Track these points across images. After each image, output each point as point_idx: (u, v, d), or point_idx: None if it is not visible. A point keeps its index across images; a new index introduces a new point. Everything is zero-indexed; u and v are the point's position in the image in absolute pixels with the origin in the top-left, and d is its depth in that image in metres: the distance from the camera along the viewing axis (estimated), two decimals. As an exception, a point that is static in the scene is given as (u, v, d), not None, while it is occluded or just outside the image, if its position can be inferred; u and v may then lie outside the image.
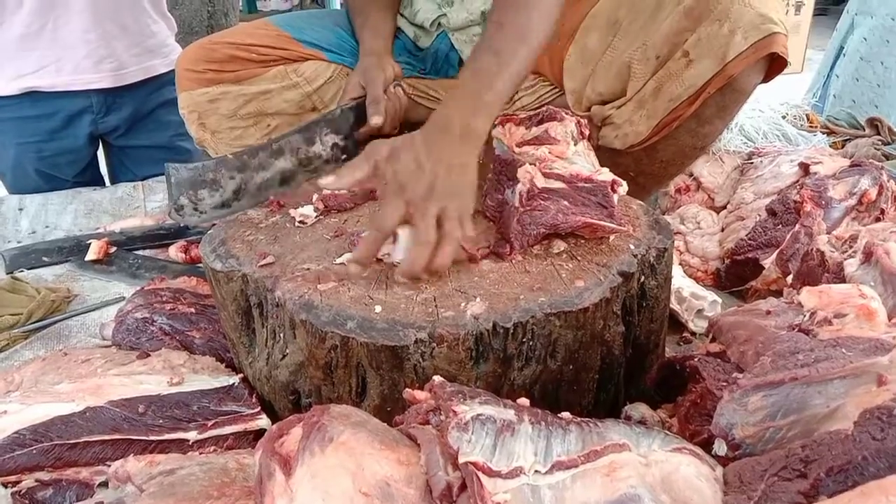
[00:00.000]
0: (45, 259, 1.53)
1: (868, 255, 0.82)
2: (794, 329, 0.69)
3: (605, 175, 0.93)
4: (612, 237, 0.92)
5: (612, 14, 1.24)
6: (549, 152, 0.98)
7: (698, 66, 1.10)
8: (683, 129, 1.19)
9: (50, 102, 1.75)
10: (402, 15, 1.46)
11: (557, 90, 1.44)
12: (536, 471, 0.55)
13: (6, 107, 1.74)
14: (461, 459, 0.53)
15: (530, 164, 0.95)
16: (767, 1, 1.08)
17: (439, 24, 1.40)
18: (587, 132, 1.09)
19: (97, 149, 1.94)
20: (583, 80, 1.28)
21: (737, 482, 0.55)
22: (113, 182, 2.00)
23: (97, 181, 1.97)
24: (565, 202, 0.91)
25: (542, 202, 0.91)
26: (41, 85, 1.73)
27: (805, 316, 0.70)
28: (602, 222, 0.90)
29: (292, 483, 0.51)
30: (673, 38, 1.12)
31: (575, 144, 1.02)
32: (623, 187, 0.93)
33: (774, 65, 1.13)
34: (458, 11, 1.37)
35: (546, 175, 0.92)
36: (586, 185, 0.92)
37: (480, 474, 0.52)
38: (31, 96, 1.74)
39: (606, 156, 1.29)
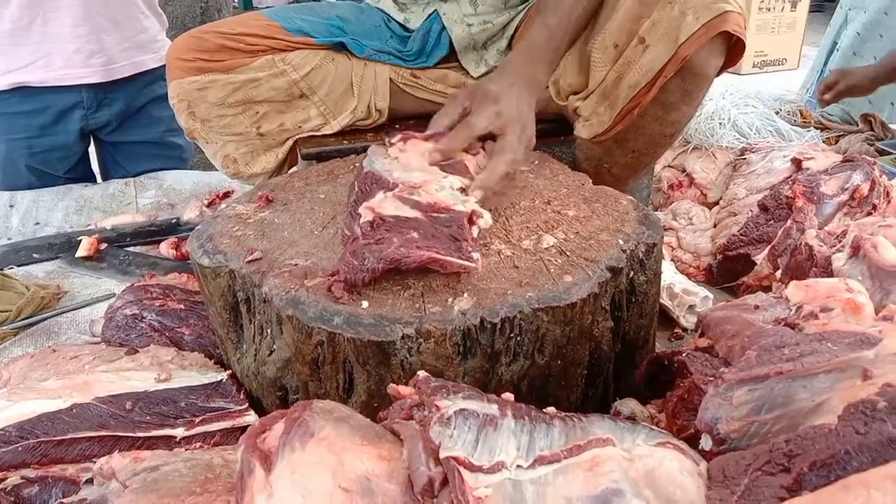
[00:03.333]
0: (35, 256, 1.53)
1: (856, 249, 0.82)
2: (780, 323, 0.69)
3: (467, 206, 0.87)
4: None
5: None
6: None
7: (653, 50, 1.10)
8: (650, 118, 1.19)
9: (40, 98, 1.75)
10: (394, 1, 1.45)
11: None
12: (518, 465, 0.54)
13: None
14: (442, 454, 0.53)
15: (389, 189, 0.87)
16: None
17: (428, 2, 1.40)
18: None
19: (88, 145, 1.93)
20: (557, 72, 1.28)
21: (720, 476, 0.55)
22: (104, 178, 2.00)
23: (88, 177, 1.96)
24: (415, 234, 0.83)
25: (386, 234, 0.83)
26: (31, 80, 1.72)
27: (791, 310, 0.70)
28: (448, 258, 0.81)
29: (272, 479, 0.51)
30: (629, 26, 1.12)
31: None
32: (484, 219, 0.86)
33: (735, 48, 1.12)
34: None
35: (403, 201, 0.86)
36: (442, 214, 0.85)
37: (462, 469, 0.52)
38: (21, 92, 1.73)
39: (580, 149, 1.30)
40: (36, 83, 1.73)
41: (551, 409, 0.63)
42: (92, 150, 1.98)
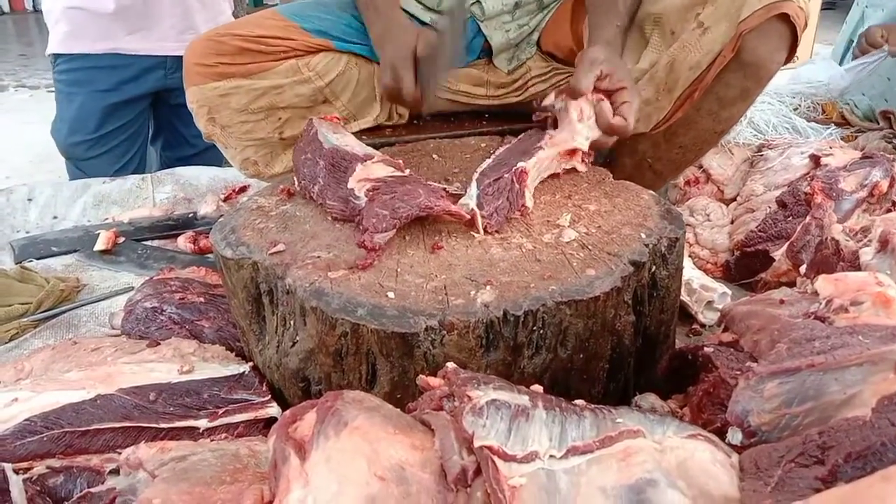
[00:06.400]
0: (53, 249, 1.54)
1: (884, 244, 0.81)
2: (809, 317, 0.69)
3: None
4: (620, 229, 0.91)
5: None
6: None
7: (714, 31, 1.11)
8: (705, 112, 1.19)
9: (130, 58, 1.93)
10: (418, 1, 1.45)
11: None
12: (552, 455, 0.54)
13: (88, 61, 1.90)
14: (476, 443, 0.53)
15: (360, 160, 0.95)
16: None
17: (470, 11, 1.40)
18: None
19: (152, 102, 2.09)
20: None
21: (753, 468, 0.55)
22: (155, 137, 2.17)
23: (144, 133, 2.11)
24: (419, 189, 0.90)
25: (398, 188, 0.90)
26: (126, 48, 1.90)
27: (821, 303, 0.70)
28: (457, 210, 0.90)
29: (307, 467, 0.51)
30: (685, 15, 1.13)
31: None
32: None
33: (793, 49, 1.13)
34: (492, 1, 1.37)
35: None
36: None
37: (496, 458, 0.52)
38: (114, 56, 1.91)
39: (625, 143, 1.29)
40: (130, 51, 1.91)
41: (580, 402, 0.63)
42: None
